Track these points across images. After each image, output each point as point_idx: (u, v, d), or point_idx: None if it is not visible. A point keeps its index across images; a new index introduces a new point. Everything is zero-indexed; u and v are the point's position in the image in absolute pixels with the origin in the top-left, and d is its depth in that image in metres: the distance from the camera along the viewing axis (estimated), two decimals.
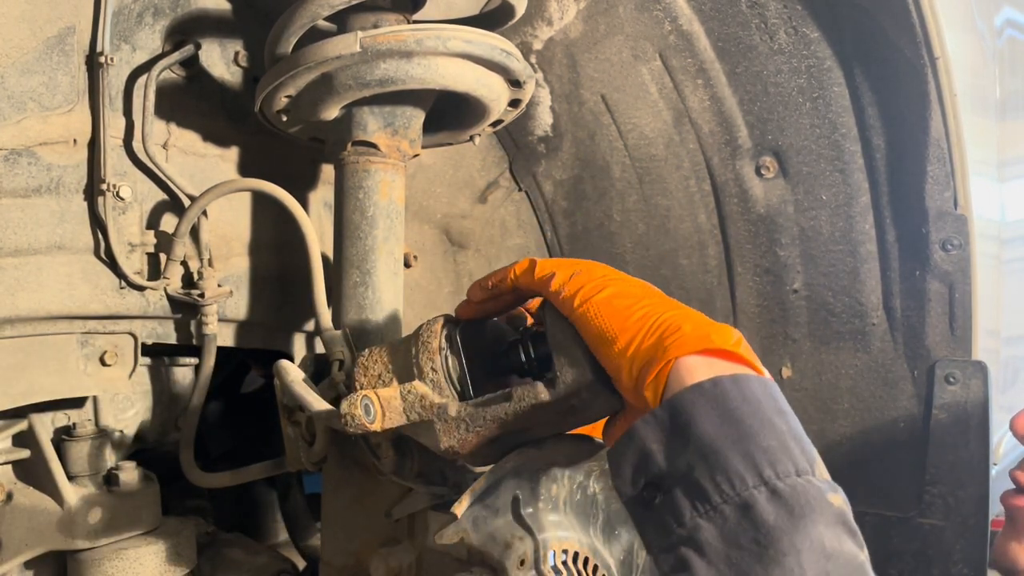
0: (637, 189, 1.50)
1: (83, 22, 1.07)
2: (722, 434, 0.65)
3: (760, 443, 0.64)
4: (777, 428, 0.65)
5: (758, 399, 0.67)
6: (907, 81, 1.20)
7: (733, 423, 0.65)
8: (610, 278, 0.80)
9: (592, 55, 1.41)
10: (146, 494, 1.18)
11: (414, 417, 0.85)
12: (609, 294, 0.77)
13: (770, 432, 0.65)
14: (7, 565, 1.10)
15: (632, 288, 0.79)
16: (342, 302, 1.14)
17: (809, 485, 0.63)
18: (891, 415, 1.35)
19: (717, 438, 0.64)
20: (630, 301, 0.76)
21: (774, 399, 0.68)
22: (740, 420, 0.65)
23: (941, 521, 1.29)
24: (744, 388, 0.67)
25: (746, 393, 0.67)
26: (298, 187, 1.35)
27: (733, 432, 0.65)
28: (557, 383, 0.79)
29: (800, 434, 0.67)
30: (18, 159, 1.05)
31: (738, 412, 0.65)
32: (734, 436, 0.64)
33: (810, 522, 0.61)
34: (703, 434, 0.65)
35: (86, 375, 1.16)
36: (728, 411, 0.66)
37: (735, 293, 1.45)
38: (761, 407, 0.66)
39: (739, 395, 0.66)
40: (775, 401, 0.68)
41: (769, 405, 0.67)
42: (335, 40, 1.01)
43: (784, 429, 0.66)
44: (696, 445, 0.65)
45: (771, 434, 0.65)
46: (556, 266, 0.82)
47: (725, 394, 0.66)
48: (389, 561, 0.97)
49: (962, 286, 1.26)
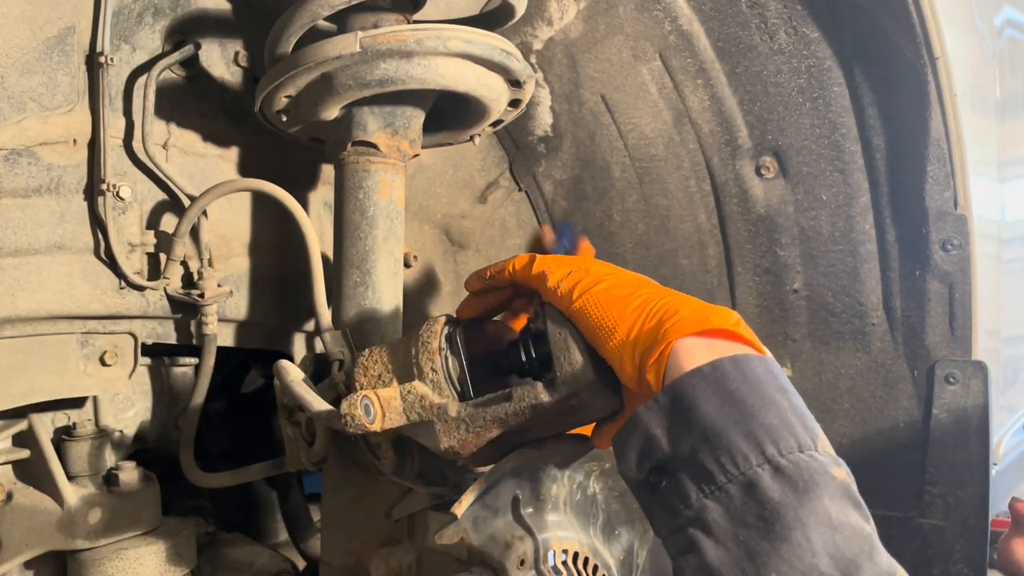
0: (637, 189, 1.50)
1: (83, 22, 1.07)
2: (724, 415, 0.65)
3: (762, 421, 0.65)
4: (778, 405, 0.66)
5: (758, 378, 0.67)
6: (907, 81, 1.20)
7: (734, 403, 0.66)
8: (607, 272, 0.80)
9: (592, 55, 1.41)
10: (146, 494, 1.18)
11: (414, 417, 0.85)
12: (607, 285, 0.78)
13: (771, 410, 0.65)
14: (7, 565, 1.10)
15: (629, 279, 0.79)
16: (342, 302, 1.14)
17: (812, 460, 0.64)
18: (891, 415, 1.35)
19: (719, 420, 0.65)
20: (627, 291, 0.77)
21: (774, 376, 0.69)
22: (741, 400, 0.66)
23: (941, 521, 1.29)
24: (744, 368, 0.68)
25: (746, 373, 0.67)
26: (298, 187, 1.35)
27: (735, 412, 0.65)
28: (557, 383, 0.79)
29: (802, 409, 0.68)
30: (18, 159, 1.05)
31: (738, 392, 0.66)
32: (736, 416, 0.65)
33: (815, 496, 0.62)
34: (705, 416, 0.66)
35: (86, 375, 1.16)
36: (728, 392, 0.66)
37: (735, 293, 1.45)
38: (762, 385, 0.67)
39: (739, 375, 0.67)
40: (776, 379, 0.69)
41: (770, 383, 0.68)
42: (335, 40, 1.01)
43: (785, 406, 0.66)
44: (699, 428, 0.66)
45: (772, 412, 0.65)
46: (554, 262, 0.82)
47: (725, 376, 0.67)
48: (389, 561, 0.97)
49: (962, 286, 1.26)
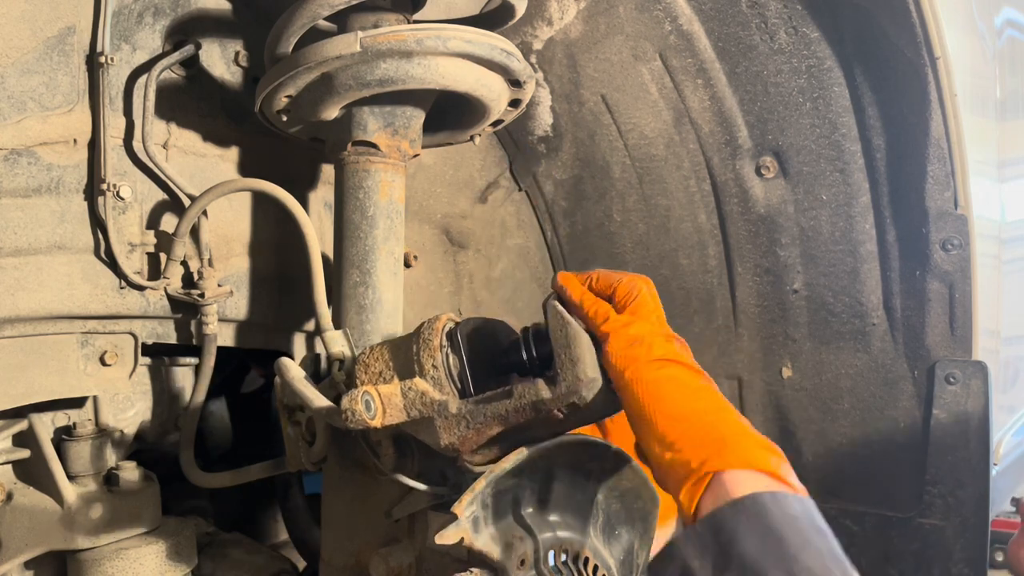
0: (637, 189, 1.50)
1: (83, 22, 1.07)
2: (765, 552, 0.65)
3: (803, 563, 0.64)
4: (817, 548, 0.66)
5: (796, 517, 0.68)
6: (907, 81, 1.20)
7: (775, 541, 0.66)
8: (668, 357, 0.79)
9: (592, 55, 1.41)
10: (146, 494, 1.18)
11: (414, 414, 0.85)
12: (664, 376, 0.77)
13: (811, 552, 0.66)
14: (7, 565, 1.10)
15: (688, 378, 0.79)
16: (342, 302, 1.14)
17: None
18: (891, 415, 1.35)
19: (760, 557, 0.65)
20: (684, 394, 0.77)
21: (811, 517, 0.69)
22: (782, 539, 0.66)
23: (941, 521, 1.29)
24: (784, 505, 0.68)
25: (786, 510, 0.68)
26: (298, 187, 1.35)
27: (776, 551, 0.65)
28: (558, 381, 0.79)
29: (839, 554, 0.68)
30: (18, 159, 1.05)
31: (779, 530, 0.66)
32: (777, 555, 0.65)
33: None
34: (745, 553, 0.66)
35: (86, 375, 1.16)
36: (769, 528, 0.66)
37: (735, 293, 1.45)
38: (800, 525, 0.67)
39: (779, 512, 0.68)
40: (813, 520, 0.69)
41: (808, 524, 0.68)
42: (335, 40, 1.01)
43: (824, 549, 0.67)
44: (738, 563, 0.66)
45: (812, 554, 0.65)
46: (618, 324, 0.81)
47: (765, 511, 0.67)
48: (389, 561, 0.97)
49: (962, 286, 1.26)
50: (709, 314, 1.48)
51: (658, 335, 0.80)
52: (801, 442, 1.42)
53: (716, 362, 1.48)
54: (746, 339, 1.45)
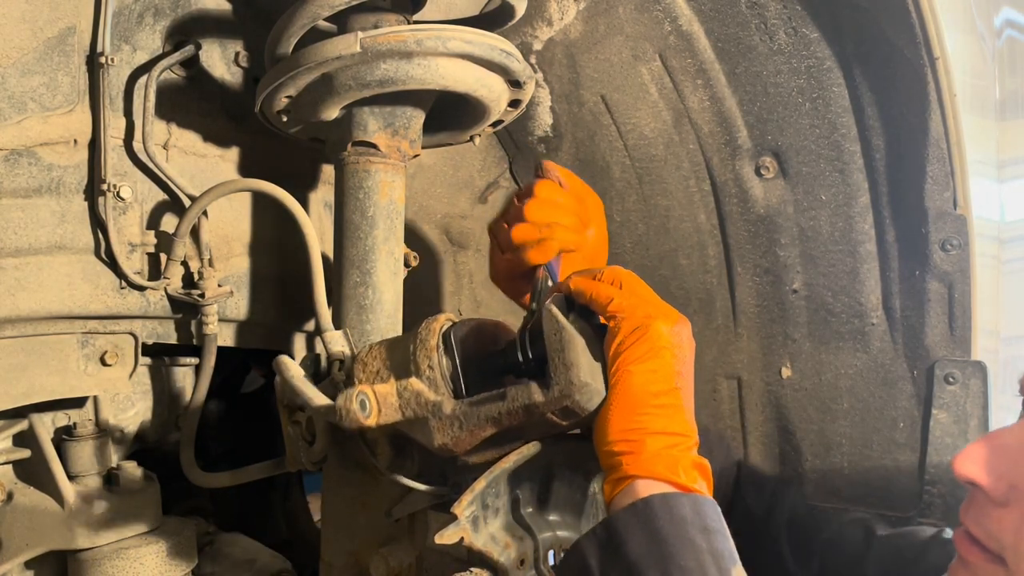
0: (637, 189, 1.50)
1: (83, 22, 1.07)
2: (647, 553, 0.72)
3: (678, 563, 0.70)
4: (696, 547, 0.72)
5: (684, 518, 0.73)
6: (907, 81, 1.20)
7: (658, 543, 0.72)
8: (663, 345, 0.80)
9: (592, 55, 1.41)
10: (147, 494, 1.18)
11: (409, 414, 0.85)
12: (649, 368, 0.79)
13: (689, 551, 0.71)
14: (7, 565, 1.11)
15: (668, 368, 0.80)
16: (342, 302, 1.14)
17: None
18: (891, 415, 1.35)
19: (642, 558, 0.72)
20: (659, 387, 0.79)
21: (700, 517, 0.74)
22: (664, 540, 0.72)
23: (941, 521, 1.29)
24: (673, 507, 0.74)
25: (674, 512, 0.73)
26: (298, 187, 1.35)
27: (657, 551, 0.71)
28: (551, 385, 0.79)
29: (719, 550, 0.73)
30: (19, 159, 1.05)
31: (663, 532, 0.72)
32: (657, 555, 0.71)
33: None
34: (630, 553, 0.72)
35: (86, 375, 1.16)
36: (655, 531, 0.72)
37: (735, 293, 1.45)
38: (685, 526, 0.73)
39: (667, 514, 0.73)
40: (701, 519, 0.74)
41: (695, 523, 0.73)
42: (335, 40, 1.01)
43: (703, 547, 0.72)
44: (625, 564, 0.72)
45: (690, 553, 0.71)
46: (629, 307, 0.82)
47: (654, 513, 0.73)
48: (389, 561, 0.97)
49: (962, 286, 1.26)
50: (709, 314, 1.48)
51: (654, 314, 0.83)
52: (801, 442, 1.42)
53: (716, 362, 1.48)
54: (746, 339, 1.45)
